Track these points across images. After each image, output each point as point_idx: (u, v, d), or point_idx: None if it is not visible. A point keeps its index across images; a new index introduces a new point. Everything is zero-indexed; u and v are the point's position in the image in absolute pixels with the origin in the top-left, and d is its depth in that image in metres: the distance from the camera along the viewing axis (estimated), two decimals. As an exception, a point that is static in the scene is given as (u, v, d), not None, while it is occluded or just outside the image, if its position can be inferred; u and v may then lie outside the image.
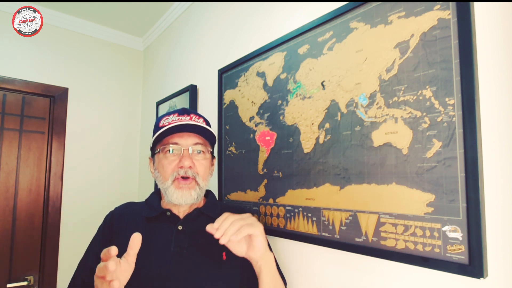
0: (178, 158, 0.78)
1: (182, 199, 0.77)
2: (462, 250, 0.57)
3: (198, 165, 0.80)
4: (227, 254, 0.78)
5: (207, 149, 0.83)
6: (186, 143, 0.79)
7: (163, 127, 0.80)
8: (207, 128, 0.79)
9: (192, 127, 0.78)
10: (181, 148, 0.79)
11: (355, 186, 0.76)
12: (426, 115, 0.64)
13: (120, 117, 2.07)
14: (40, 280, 1.69)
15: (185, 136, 0.80)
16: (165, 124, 0.81)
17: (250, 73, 1.12)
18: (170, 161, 0.78)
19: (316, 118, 0.87)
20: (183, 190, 0.77)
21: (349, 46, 0.80)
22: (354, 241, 0.75)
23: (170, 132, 0.78)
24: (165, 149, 0.79)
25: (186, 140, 0.79)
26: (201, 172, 0.80)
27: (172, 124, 0.77)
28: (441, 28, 0.62)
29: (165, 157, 0.79)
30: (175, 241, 0.77)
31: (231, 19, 1.30)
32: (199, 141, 0.81)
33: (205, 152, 0.82)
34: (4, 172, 1.64)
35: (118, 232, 0.80)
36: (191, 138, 0.80)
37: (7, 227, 1.62)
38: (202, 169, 0.81)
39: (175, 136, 0.79)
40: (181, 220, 0.80)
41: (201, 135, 0.82)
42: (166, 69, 1.86)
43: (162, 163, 0.79)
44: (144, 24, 1.96)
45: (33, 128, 1.74)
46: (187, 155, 0.78)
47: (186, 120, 0.81)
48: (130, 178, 2.09)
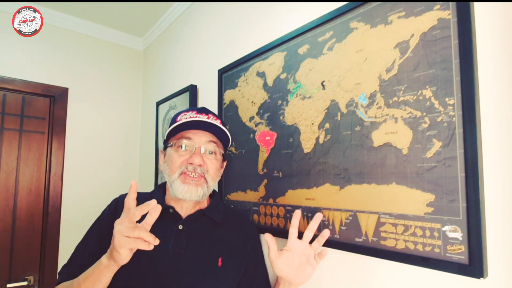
0: (188, 154, 0.78)
1: (187, 194, 0.76)
2: (462, 250, 0.57)
3: (209, 163, 0.80)
4: (223, 261, 0.79)
5: (219, 150, 0.83)
6: (199, 140, 0.79)
7: (179, 121, 0.80)
8: (223, 128, 0.79)
9: (207, 125, 0.78)
10: (194, 146, 0.79)
11: (355, 186, 0.76)
12: (426, 115, 0.64)
13: (120, 117, 2.07)
14: (40, 280, 1.69)
15: (199, 133, 0.80)
16: (182, 119, 0.81)
17: (250, 73, 1.12)
18: (180, 155, 0.78)
19: (316, 118, 0.87)
20: (189, 185, 0.76)
21: (349, 46, 0.80)
22: (354, 241, 0.75)
23: (185, 127, 0.78)
24: (178, 143, 0.79)
25: (199, 137, 0.79)
26: (211, 170, 0.80)
27: (189, 119, 0.77)
28: (441, 28, 0.62)
29: (176, 151, 0.79)
30: (173, 240, 0.77)
31: (231, 19, 1.30)
32: (212, 140, 0.81)
33: (217, 153, 0.82)
34: (4, 172, 1.64)
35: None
36: (205, 136, 0.80)
37: (7, 227, 1.62)
38: (213, 168, 0.80)
39: (190, 131, 0.79)
40: (182, 219, 0.80)
41: (216, 135, 0.82)
42: (166, 69, 1.86)
43: (172, 157, 0.79)
44: (144, 24, 1.96)
45: (33, 128, 1.74)
46: (198, 153, 0.78)
47: (204, 118, 0.80)
48: (130, 178, 2.09)
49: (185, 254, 0.76)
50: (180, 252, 0.76)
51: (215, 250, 0.79)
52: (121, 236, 0.59)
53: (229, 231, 0.85)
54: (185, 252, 0.76)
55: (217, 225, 0.84)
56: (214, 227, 0.83)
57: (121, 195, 0.88)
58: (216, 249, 0.80)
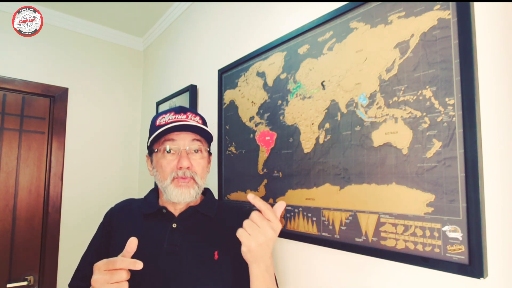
0: (176, 158, 0.79)
1: (181, 197, 0.78)
2: (462, 250, 0.57)
3: (196, 164, 0.81)
4: (219, 254, 0.79)
5: (204, 147, 0.84)
6: (183, 142, 0.80)
7: (159, 125, 0.81)
8: (204, 128, 0.80)
9: (188, 127, 0.79)
10: (179, 148, 0.80)
11: (355, 186, 0.76)
12: (426, 115, 0.64)
13: (120, 117, 2.07)
14: (40, 280, 1.69)
15: (182, 135, 0.80)
16: (161, 123, 0.82)
17: (250, 73, 1.12)
18: (168, 161, 0.79)
19: (316, 118, 0.87)
20: (182, 188, 0.78)
21: (349, 46, 0.80)
22: (354, 241, 0.75)
23: (166, 132, 0.79)
24: (163, 148, 0.80)
25: (183, 139, 0.80)
26: (199, 171, 0.81)
27: (169, 125, 0.78)
28: (441, 28, 0.62)
29: (164, 156, 0.80)
30: (168, 238, 0.78)
31: (231, 19, 1.30)
32: (195, 138, 0.82)
33: (202, 151, 0.83)
34: (4, 172, 1.64)
35: (117, 227, 0.83)
36: (188, 136, 0.81)
37: (7, 227, 1.62)
38: (200, 168, 0.82)
39: (172, 134, 0.80)
40: (176, 218, 0.82)
41: (198, 133, 0.83)
42: (166, 69, 1.86)
43: (161, 163, 0.80)
44: (144, 24, 1.96)
45: (33, 128, 1.74)
46: (185, 156, 0.79)
47: (183, 118, 0.82)
48: (130, 177, 2.09)
49: (181, 251, 0.77)
50: (175, 249, 0.77)
51: (211, 244, 0.80)
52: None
53: (224, 224, 0.85)
54: (181, 249, 0.77)
55: (211, 220, 0.85)
56: (208, 222, 0.84)
57: (116, 204, 0.91)
58: (211, 243, 0.80)
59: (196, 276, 0.75)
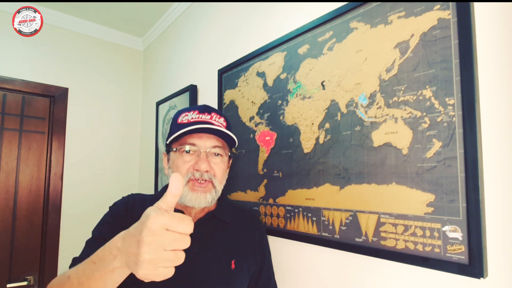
0: (194, 159, 0.75)
1: (196, 201, 0.73)
2: (462, 250, 0.57)
3: (216, 168, 0.76)
4: (235, 263, 0.77)
5: (225, 152, 0.80)
6: (204, 145, 0.75)
7: (181, 124, 0.77)
8: (228, 133, 0.76)
9: (212, 131, 0.75)
10: (199, 149, 0.75)
11: (355, 186, 0.76)
12: (426, 115, 0.64)
13: (120, 117, 2.07)
14: (40, 280, 1.69)
15: (204, 138, 0.76)
16: (183, 121, 0.77)
17: (250, 73, 1.12)
18: (185, 161, 0.75)
19: (316, 118, 0.87)
20: (197, 192, 0.73)
21: (349, 46, 0.80)
22: (354, 241, 0.75)
23: (188, 133, 0.75)
24: (182, 149, 0.75)
25: (204, 142, 0.76)
26: (218, 174, 0.77)
27: (192, 127, 0.73)
28: (441, 28, 0.62)
29: (181, 156, 0.75)
30: None
31: (231, 19, 1.30)
32: (217, 144, 0.77)
33: (223, 155, 0.79)
34: (4, 172, 1.64)
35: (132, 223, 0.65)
36: (210, 140, 0.76)
37: (7, 227, 1.62)
38: (220, 172, 0.77)
39: (193, 136, 0.75)
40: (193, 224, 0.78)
41: (221, 137, 0.78)
42: (166, 69, 1.86)
43: (177, 163, 0.75)
44: (144, 24, 1.96)
45: (33, 128, 1.74)
46: (204, 158, 0.74)
47: (207, 119, 0.77)
48: (130, 178, 2.09)
49: (198, 259, 0.74)
50: (192, 257, 0.73)
51: (228, 252, 0.78)
52: (159, 250, 0.42)
53: (239, 230, 0.83)
54: (198, 257, 0.74)
55: (227, 226, 0.82)
56: (225, 228, 0.81)
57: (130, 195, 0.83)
58: (228, 251, 0.78)
59: (214, 285, 0.73)
